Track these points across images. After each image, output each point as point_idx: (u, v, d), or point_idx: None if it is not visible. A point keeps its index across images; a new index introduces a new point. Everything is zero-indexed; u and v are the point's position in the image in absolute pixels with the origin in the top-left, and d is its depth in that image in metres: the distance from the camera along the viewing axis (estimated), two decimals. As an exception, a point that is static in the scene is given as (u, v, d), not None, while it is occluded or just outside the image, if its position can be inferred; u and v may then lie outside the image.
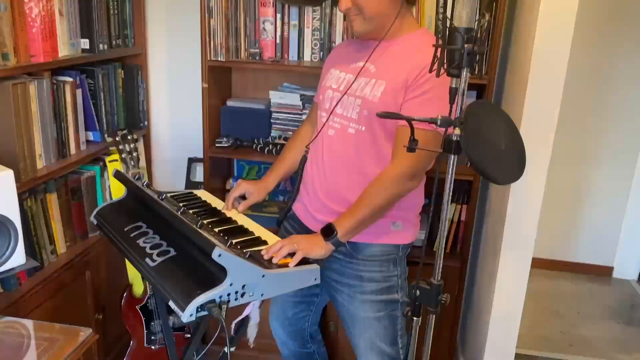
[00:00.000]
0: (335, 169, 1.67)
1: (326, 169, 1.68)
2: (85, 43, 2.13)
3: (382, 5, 1.56)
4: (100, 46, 2.18)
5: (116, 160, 2.26)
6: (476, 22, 1.20)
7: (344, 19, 2.24)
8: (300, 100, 2.42)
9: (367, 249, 1.67)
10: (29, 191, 1.92)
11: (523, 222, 1.97)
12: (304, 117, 2.40)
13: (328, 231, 1.56)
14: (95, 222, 1.78)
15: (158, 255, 1.47)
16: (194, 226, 1.45)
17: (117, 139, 2.08)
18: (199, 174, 2.67)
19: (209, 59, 2.27)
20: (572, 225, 3.62)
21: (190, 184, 2.69)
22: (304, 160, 1.79)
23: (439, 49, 1.19)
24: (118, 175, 1.82)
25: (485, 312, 2.20)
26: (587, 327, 3.05)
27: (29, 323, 1.47)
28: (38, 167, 1.94)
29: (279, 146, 2.37)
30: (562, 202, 3.56)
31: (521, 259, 2.03)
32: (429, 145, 1.41)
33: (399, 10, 1.57)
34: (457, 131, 0.99)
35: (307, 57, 2.34)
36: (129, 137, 2.10)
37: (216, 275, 1.35)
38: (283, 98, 2.42)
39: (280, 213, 1.90)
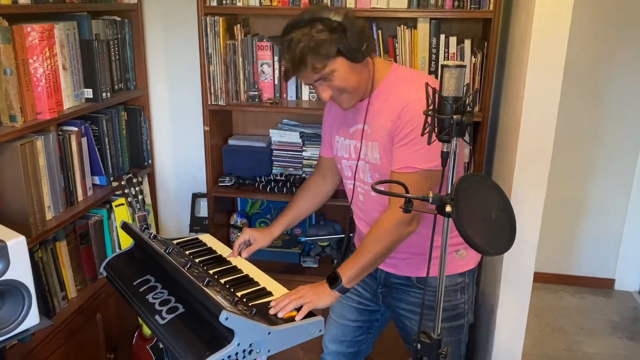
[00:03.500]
0: None
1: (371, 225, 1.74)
2: (88, 92, 2.19)
3: (359, 75, 1.57)
4: (104, 95, 2.22)
5: (122, 204, 2.31)
6: (464, 90, 1.25)
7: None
8: (300, 137, 2.47)
9: (436, 282, 1.64)
10: (39, 243, 1.98)
11: (522, 255, 2.02)
12: (304, 154, 2.46)
13: (333, 279, 1.61)
14: (104, 273, 1.83)
15: (167, 312, 1.52)
16: (201, 284, 1.50)
17: (122, 183, 2.13)
18: (203, 209, 2.72)
19: (209, 103, 2.32)
20: (574, 239, 3.66)
21: (195, 219, 2.75)
22: (350, 219, 1.85)
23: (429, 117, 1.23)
24: (125, 227, 1.87)
25: (489, 342, 2.25)
26: (590, 344, 3.08)
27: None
28: (47, 219, 1.99)
29: (280, 183, 2.42)
30: (563, 216, 3.59)
31: (521, 289, 2.09)
32: (420, 185, 1.50)
33: (370, 65, 1.61)
34: (449, 208, 1.04)
35: (305, 96, 2.39)
36: (134, 181, 2.13)
37: (224, 333, 1.39)
38: (283, 136, 2.47)
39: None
